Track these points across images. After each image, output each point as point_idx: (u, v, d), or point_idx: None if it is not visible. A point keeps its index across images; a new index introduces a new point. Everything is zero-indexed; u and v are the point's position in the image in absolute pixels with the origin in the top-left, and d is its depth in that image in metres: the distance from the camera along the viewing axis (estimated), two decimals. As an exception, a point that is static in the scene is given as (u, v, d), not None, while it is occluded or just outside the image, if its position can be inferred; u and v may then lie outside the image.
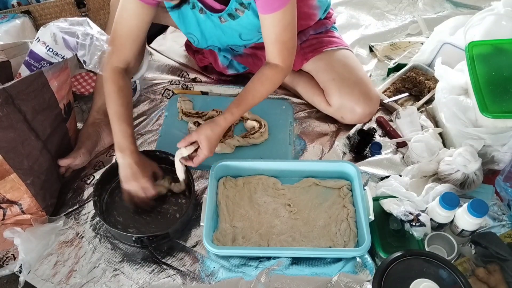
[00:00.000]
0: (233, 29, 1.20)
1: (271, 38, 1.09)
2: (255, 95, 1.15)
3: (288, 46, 1.12)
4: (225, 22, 1.17)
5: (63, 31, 1.06)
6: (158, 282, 1.06)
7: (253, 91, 1.15)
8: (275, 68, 1.14)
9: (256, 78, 1.15)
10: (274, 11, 1.03)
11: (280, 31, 1.07)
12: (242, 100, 1.14)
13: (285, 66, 1.14)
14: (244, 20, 1.14)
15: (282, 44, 1.11)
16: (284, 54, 1.13)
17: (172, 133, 1.35)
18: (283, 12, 1.04)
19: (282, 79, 1.17)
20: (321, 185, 1.19)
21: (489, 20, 1.22)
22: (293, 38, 1.11)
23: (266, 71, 1.15)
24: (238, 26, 1.17)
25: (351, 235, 1.09)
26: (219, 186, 1.18)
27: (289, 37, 1.10)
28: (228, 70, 1.46)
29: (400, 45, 1.62)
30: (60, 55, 1.08)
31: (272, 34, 1.08)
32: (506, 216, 1.12)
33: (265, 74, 1.14)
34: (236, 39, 1.25)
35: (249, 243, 1.09)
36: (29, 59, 1.09)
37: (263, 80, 1.14)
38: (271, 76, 1.14)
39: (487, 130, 1.12)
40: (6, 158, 1.00)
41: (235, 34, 1.22)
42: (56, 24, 1.07)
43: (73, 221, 1.18)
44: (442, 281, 0.86)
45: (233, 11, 1.13)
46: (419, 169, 1.17)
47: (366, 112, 1.31)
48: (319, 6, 1.33)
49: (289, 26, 1.08)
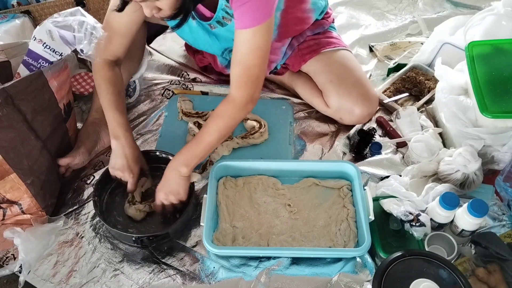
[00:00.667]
0: (224, 34, 1.19)
1: (236, 57, 1.01)
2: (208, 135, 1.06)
3: (250, 73, 1.01)
4: (215, 29, 1.16)
5: (58, 26, 1.06)
6: (158, 282, 1.06)
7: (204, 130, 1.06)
8: (226, 100, 1.04)
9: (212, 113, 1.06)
10: (245, 27, 0.97)
11: (246, 51, 0.99)
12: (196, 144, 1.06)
13: (239, 97, 1.03)
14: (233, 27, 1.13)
15: (245, 68, 1.01)
16: (242, 80, 1.02)
17: (172, 133, 1.35)
18: (254, 31, 0.96)
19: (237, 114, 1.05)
20: (321, 185, 1.19)
21: (489, 20, 1.22)
22: (258, 66, 1.01)
23: (220, 106, 1.05)
24: (228, 31, 1.16)
25: (351, 235, 1.09)
26: (219, 186, 1.18)
27: (254, 63, 1.00)
28: (227, 70, 1.45)
29: (400, 45, 1.62)
30: (58, 52, 1.08)
31: (238, 52, 1.00)
32: (506, 216, 1.12)
33: (218, 109, 1.05)
34: (230, 42, 1.22)
35: (249, 243, 1.09)
36: (27, 58, 1.09)
37: (214, 115, 1.05)
38: (223, 110, 1.05)
39: (487, 130, 1.12)
40: (6, 158, 1.00)
41: (227, 38, 1.21)
42: (50, 20, 1.07)
43: (73, 221, 1.18)
44: (442, 281, 0.86)
45: (221, 18, 1.12)
46: (419, 169, 1.17)
47: (364, 113, 1.31)
48: (313, 9, 1.30)
49: (258, 50, 0.99)
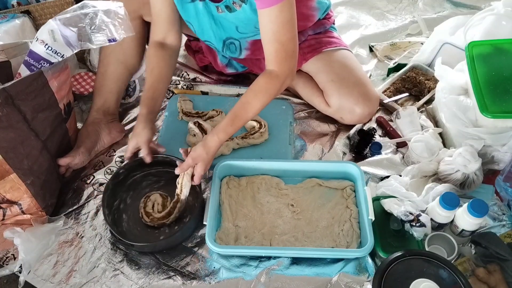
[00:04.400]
0: (229, 21, 1.18)
1: (268, 36, 1.04)
2: (249, 109, 1.09)
3: (287, 48, 1.05)
4: (222, 13, 1.15)
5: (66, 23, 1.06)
6: (158, 282, 1.06)
7: (246, 105, 1.09)
8: (269, 76, 1.07)
9: (250, 89, 1.09)
10: (271, 5, 0.98)
11: (278, 28, 1.02)
12: (236, 117, 1.09)
13: (281, 72, 1.07)
14: (241, 14, 1.13)
15: (280, 45, 1.04)
16: (281, 57, 1.05)
17: (172, 133, 1.35)
18: (281, 7, 0.99)
19: (279, 88, 1.09)
20: (324, 185, 1.19)
21: (489, 20, 1.22)
22: (292, 39, 1.05)
23: (260, 81, 1.08)
24: (234, 19, 1.16)
25: (354, 236, 1.09)
26: (222, 185, 1.18)
27: (288, 38, 1.04)
28: (227, 69, 1.46)
29: (400, 45, 1.62)
30: (60, 54, 1.08)
31: (269, 32, 1.03)
32: (506, 216, 1.12)
33: (259, 84, 1.08)
34: (233, 32, 1.23)
35: (252, 242, 1.09)
36: (28, 59, 1.09)
37: (256, 91, 1.09)
38: (266, 86, 1.08)
39: (487, 130, 1.12)
40: (6, 158, 1.00)
41: (231, 26, 1.20)
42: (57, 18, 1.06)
43: (73, 221, 1.18)
44: (442, 281, 0.86)
45: (230, 3, 1.11)
46: (419, 169, 1.17)
47: (365, 112, 1.31)
48: (318, 8, 1.32)
49: (288, 24, 1.02)
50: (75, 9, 1.08)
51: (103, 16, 1.08)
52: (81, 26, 1.07)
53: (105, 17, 1.08)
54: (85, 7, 1.09)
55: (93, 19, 1.07)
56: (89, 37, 1.07)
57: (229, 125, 1.09)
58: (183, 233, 1.10)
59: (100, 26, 1.07)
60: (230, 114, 1.10)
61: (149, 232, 1.13)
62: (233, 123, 1.09)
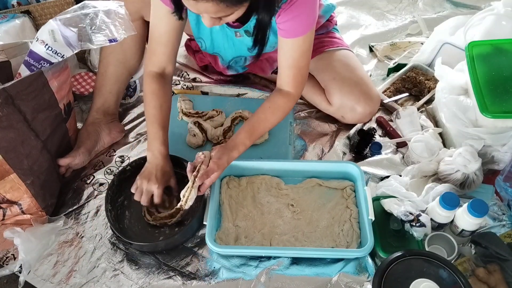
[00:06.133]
0: (244, 44, 1.21)
1: (288, 62, 1.10)
2: (266, 125, 1.15)
3: (302, 72, 1.13)
4: (240, 37, 1.19)
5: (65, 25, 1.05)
6: (158, 282, 1.06)
7: (264, 121, 1.14)
8: (287, 96, 1.14)
9: (268, 106, 1.13)
10: (296, 36, 1.04)
11: (298, 56, 1.08)
12: (254, 131, 1.13)
13: (296, 94, 1.15)
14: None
15: (298, 70, 1.11)
16: (297, 81, 1.13)
17: (172, 133, 1.33)
18: (304, 38, 1.05)
19: (292, 107, 1.17)
20: (325, 185, 1.19)
21: (489, 20, 1.22)
22: (307, 65, 1.13)
23: (278, 100, 1.14)
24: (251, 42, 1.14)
25: (354, 236, 1.09)
26: (222, 185, 1.18)
27: (304, 64, 1.11)
28: (228, 71, 1.46)
29: (400, 45, 1.62)
30: (60, 54, 1.08)
31: (290, 58, 1.09)
32: (506, 216, 1.12)
33: (277, 103, 1.14)
34: (244, 51, 1.25)
35: (252, 242, 1.09)
36: (29, 59, 1.09)
37: (274, 109, 1.14)
38: (283, 105, 1.14)
39: (487, 130, 1.12)
40: (6, 158, 1.00)
41: (244, 48, 1.23)
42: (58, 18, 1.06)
43: (73, 221, 1.18)
44: (442, 281, 0.86)
45: (250, 28, 1.13)
46: (419, 169, 1.17)
47: (366, 111, 1.31)
48: (323, 16, 1.34)
49: (307, 52, 1.09)
50: (76, 9, 1.08)
51: (103, 16, 1.08)
52: (81, 26, 1.07)
53: (106, 18, 1.08)
54: (86, 7, 1.09)
55: (94, 19, 1.07)
56: (89, 37, 1.07)
57: (247, 139, 1.11)
58: (183, 234, 1.10)
59: (100, 27, 1.07)
60: (248, 128, 1.12)
61: (149, 232, 1.14)
62: (251, 137, 1.12)
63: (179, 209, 1.10)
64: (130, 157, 1.33)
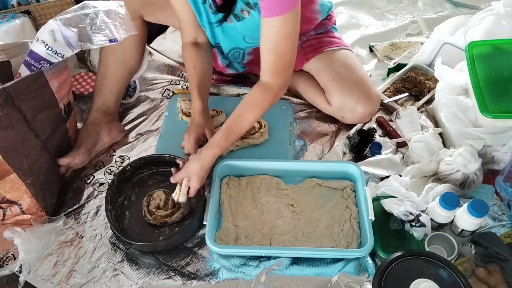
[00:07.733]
0: (237, 31, 1.20)
1: (268, 46, 1.03)
2: (243, 123, 1.09)
3: (284, 60, 1.04)
4: (230, 23, 1.17)
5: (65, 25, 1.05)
6: (158, 282, 1.06)
7: (240, 118, 1.09)
8: (263, 88, 1.07)
9: (244, 102, 1.09)
10: (276, 15, 0.98)
11: (278, 39, 1.01)
12: (230, 131, 1.09)
13: (276, 84, 1.06)
14: (249, 22, 1.14)
15: (278, 56, 1.03)
16: (277, 69, 1.05)
17: (172, 133, 1.35)
18: (285, 18, 0.98)
19: (273, 101, 1.09)
20: (325, 185, 1.19)
21: (489, 20, 1.22)
22: (291, 52, 1.04)
23: (254, 93, 1.08)
24: (242, 28, 1.17)
25: (354, 236, 1.09)
26: (222, 185, 1.18)
27: (287, 50, 1.03)
28: (227, 70, 1.46)
29: (400, 45, 1.62)
30: (60, 54, 1.08)
31: (271, 41, 1.02)
32: (506, 216, 1.12)
33: (253, 97, 1.09)
34: (240, 42, 1.25)
35: (252, 242, 1.09)
36: (28, 59, 1.09)
37: (250, 104, 1.09)
38: (260, 99, 1.08)
39: (487, 130, 1.12)
40: (6, 158, 1.00)
41: (239, 37, 1.22)
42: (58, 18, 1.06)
43: (73, 221, 1.18)
44: (442, 281, 0.86)
45: (239, 11, 1.12)
46: (419, 169, 1.17)
47: (367, 111, 1.31)
48: (320, 11, 1.33)
49: (290, 36, 1.01)
50: (76, 9, 1.08)
51: (103, 16, 1.08)
52: (81, 26, 1.07)
53: (106, 18, 1.08)
54: (86, 7, 1.09)
55: (94, 19, 1.07)
56: (89, 37, 1.07)
57: (223, 140, 1.10)
58: (183, 234, 1.10)
59: (100, 27, 1.07)
60: (225, 128, 1.10)
61: (149, 232, 1.14)
62: (228, 137, 1.10)
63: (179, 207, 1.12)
64: (130, 157, 1.33)
